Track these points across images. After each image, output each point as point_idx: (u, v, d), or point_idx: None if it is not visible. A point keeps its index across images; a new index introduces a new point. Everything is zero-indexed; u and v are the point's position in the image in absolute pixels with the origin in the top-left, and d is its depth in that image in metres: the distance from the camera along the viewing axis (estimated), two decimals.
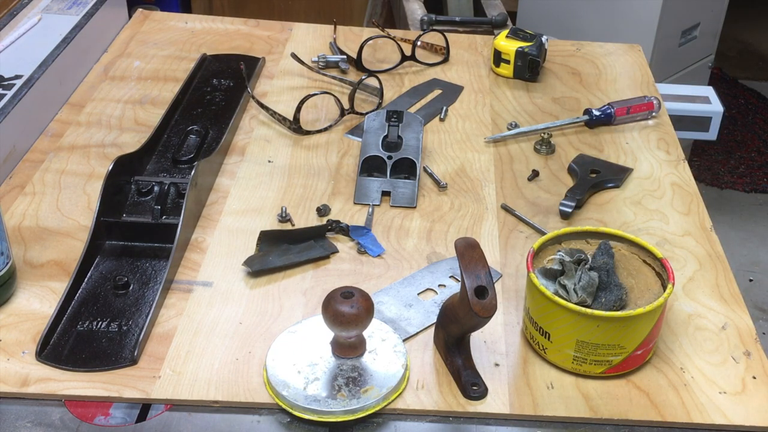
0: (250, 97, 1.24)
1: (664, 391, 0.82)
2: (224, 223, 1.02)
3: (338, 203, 1.06)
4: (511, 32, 1.36)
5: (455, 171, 1.13)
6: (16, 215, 1.01)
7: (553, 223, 1.03)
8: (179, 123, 1.18)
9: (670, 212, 1.07)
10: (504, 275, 0.96)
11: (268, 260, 0.94)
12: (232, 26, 1.47)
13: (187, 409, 0.79)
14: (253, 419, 0.78)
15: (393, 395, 0.79)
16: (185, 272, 0.94)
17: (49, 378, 0.80)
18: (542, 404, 0.80)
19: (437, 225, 1.03)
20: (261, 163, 1.13)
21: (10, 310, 0.88)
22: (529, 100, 1.30)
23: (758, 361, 0.86)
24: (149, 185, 1.01)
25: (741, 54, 3.72)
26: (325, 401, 0.77)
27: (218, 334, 0.86)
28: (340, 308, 0.76)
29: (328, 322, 0.77)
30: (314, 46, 1.42)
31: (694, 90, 1.81)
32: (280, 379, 0.79)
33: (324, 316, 0.77)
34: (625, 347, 0.81)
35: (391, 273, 0.95)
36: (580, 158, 1.15)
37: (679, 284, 0.95)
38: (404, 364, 0.81)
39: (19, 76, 1.15)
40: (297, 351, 0.82)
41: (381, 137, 1.11)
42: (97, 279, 0.92)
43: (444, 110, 1.25)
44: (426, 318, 0.89)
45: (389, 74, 1.35)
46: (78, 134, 1.17)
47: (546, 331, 0.82)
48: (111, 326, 0.86)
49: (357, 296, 0.77)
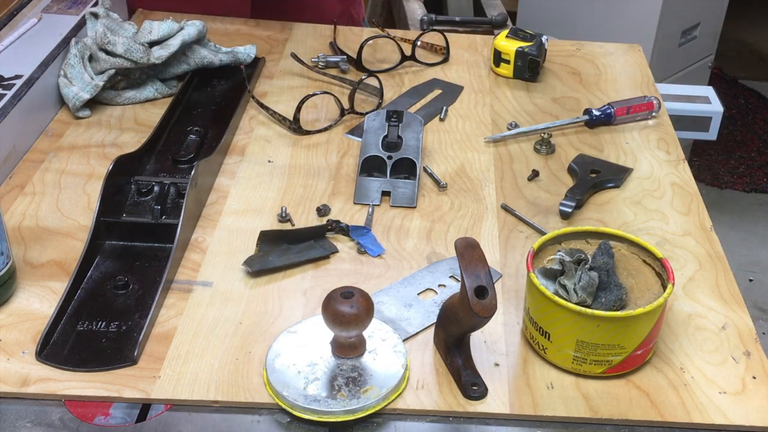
0: (250, 97, 1.24)
1: (664, 391, 0.82)
2: (224, 223, 1.02)
3: (338, 203, 1.06)
4: (511, 32, 1.36)
5: (455, 171, 1.13)
6: (16, 215, 1.01)
7: (553, 223, 1.03)
8: (179, 123, 1.18)
9: (670, 212, 1.07)
10: (504, 275, 0.96)
11: (268, 260, 0.94)
12: (231, 26, 1.47)
13: (187, 409, 0.79)
14: (253, 419, 0.78)
15: (393, 395, 0.79)
16: (185, 272, 0.94)
17: (49, 378, 0.80)
18: (542, 404, 0.80)
19: (437, 225, 1.03)
20: (261, 163, 1.13)
21: (10, 310, 0.88)
22: (529, 100, 1.30)
23: (758, 361, 0.86)
24: (149, 185, 1.01)
25: (741, 54, 3.72)
26: (325, 401, 0.77)
27: (218, 334, 0.86)
28: (340, 308, 0.76)
29: (328, 322, 0.77)
30: (314, 46, 1.42)
31: (694, 90, 1.82)
32: (280, 379, 0.79)
33: (324, 316, 0.77)
34: (625, 347, 0.81)
35: (391, 273, 0.95)
36: (580, 158, 1.15)
37: (679, 284, 0.95)
38: (404, 364, 0.81)
39: (19, 76, 1.15)
40: (297, 351, 0.82)
41: (381, 137, 1.11)
42: (97, 279, 0.92)
43: (444, 110, 1.25)
44: (426, 318, 0.89)
45: (389, 74, 1.35)
46: (78, 134, 1.17)
47: (546, 331, 0.82)
48: (111, 326, 0.86)
49: (357, 296, 0.77)
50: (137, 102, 1.24)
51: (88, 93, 1.18)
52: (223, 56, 1.29)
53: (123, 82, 1.23)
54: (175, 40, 1.22)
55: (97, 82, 1.19)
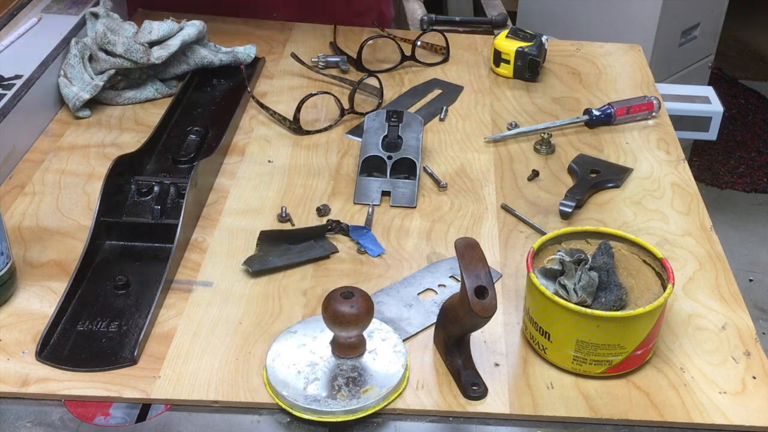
0: (250, 97, 1.24)
1: (664, 391, 0.82)
2: (224, 223, 1.02)
3: (338, 203, 1.06)
4: (511, 32, 1.36)
5: (455, 171, 1.13)
6: (16, 215, 1.01)
7: (553, 223, 1.03)
8: (179, 123, 1.18)
9: (670, 212, 1.07)
10: (504, 275, 0.96)
11: (268, 260, 0.94)
12: (231, 26, 1.47)
13: (187, 409, 0.79)
14: (253, 419, 0.78)
15: (393, 395, 0.79)
16: (185, 272, 0.94)
17: (49, 378, 0.80)
18: (542, 404, 0.80)
19: (437, 225, 1.03)
20: (261, 163, 1.13)
21: (10, 310, 0.88)
22: (529, 100, 1.30)
23: (758, 361, 0.86)
24: (149, 185, 1.01)
25: (741, 54, 3.72)
26: (325, 401, 0.77)
27: (218, 334, 0.86)
28: (340, 308, 0.76)
29: (328, 322, 0.77)
30: (314, 46, 1.42)
31: (694, 90, 1.81)
32: (280, 379, 0.79)
33: (324, 316, 0.77)
34: (625, 347, 0.81)
35: (391, 273, 0.95)
36: (580, 158, 1.15)
37: (679, 284, 0.95)
38: (404, 364, 0.81)
39: (19, 76, 1.15)
40: (297, 351, 0.82)
41: (381, 137, 1.11)
42: (97, 279, 0.92)
43: (444, 110, 1.25)
44: (426, 318, 0.89)
45: (389, 74, 1.35)
46: (78, 134, 1.17)
47: (546, 331, 0.82)
48: (111, 326, 0.86)
49: (357, 296, 0.77)
50: (137, 102, 1.24)
51: (88, 93, 1.18)
52: (223, 56, 1.29)
53: (123, 82, 1.23)
54: (175, 40, 1.22)
55: (97, 82, 1.19)
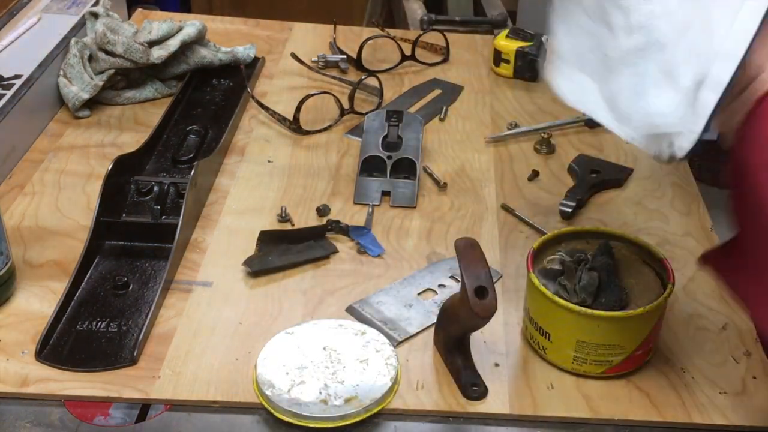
0: (249, 96, 1.24)
1: (664, 391, 0.82)
2: (224, 223, 1.02)
3: (338, 203, 1.05)
4: (511, 32, 1.36)
5: (455, 171, 1.13)
6: (16, 215, 1.01)
7: (553, 223, 1.03)
8: (179, 123, 1.18)
9: (670, 212, 1.06)
10: (504, 275, 0.95)
11: (268, 260, 0.94)
12: (231, 26, 1.47)
13: (187, 409, 0.79)
14: (252, 419, 0.78)
15: (375, 408, 0.78)
16: (185, 272, 0.94)
17: (49, 378, 0.80)
18: (542, 404, 0.80)
19: (437, 225, 1.03)
20: (261, 163, 1.13)
21: (10, 310, 0.88)
22: (530, 100, 1.30)
23: (758, 361, 0.85)
24: (149, 185, 1.01)
25: None
26: (306, 406, 0.76)
27: (218, 334, 0.86)
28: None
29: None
30: (314, 46, 1.42)
31: None
32: (266, 378, 0.79)
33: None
34: (626, 347, 0.80)
35: (391, 273, 0.95)
36: (580, 158, 1.15)
37: (680, 284, 0.95)
38: (393, 378, 0.80)
39: (18, 75, 1.15)
40: (290, 352, 0.81)
41: (381, 137, 1.11)
42: (97, 279, 0.92)
43: (444, 110, 1.25)
44: (426, 318, 0.89)
45: (389, 74, 1.35)
46: (78, 134, 1.17)
47: (546, 331, 0.82)
48: (111, 326, 0.86)
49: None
50: (137, 102, 1.24)
51: (87, 93, 1.18)
52: (222, 56, 1.29)
53: (123, 82, 1.23)
54: (174, 40, 1.22)
55: (96, 82, 1.19)
